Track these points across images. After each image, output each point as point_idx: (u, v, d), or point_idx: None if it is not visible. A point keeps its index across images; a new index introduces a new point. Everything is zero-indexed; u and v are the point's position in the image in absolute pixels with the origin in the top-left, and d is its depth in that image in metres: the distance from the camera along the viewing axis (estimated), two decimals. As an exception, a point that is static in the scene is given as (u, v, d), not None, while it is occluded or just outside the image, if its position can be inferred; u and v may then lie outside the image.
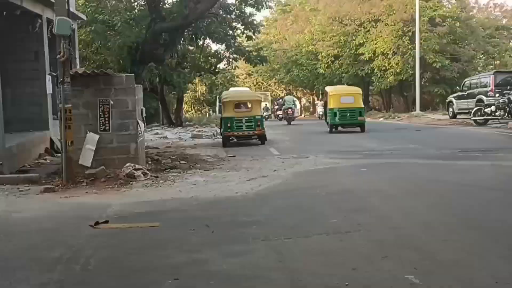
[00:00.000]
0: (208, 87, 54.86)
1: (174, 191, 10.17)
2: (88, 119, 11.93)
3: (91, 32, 23.53)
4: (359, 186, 9.90)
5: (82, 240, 6.71)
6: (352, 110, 23.78)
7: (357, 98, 24.50)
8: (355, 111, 23.78)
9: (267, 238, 6.41)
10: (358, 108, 23.97)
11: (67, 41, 10.99)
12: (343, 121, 24.02)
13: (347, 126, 24.38)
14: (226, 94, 21.51)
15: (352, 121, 23.94)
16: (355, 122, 23.94)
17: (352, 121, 23.93)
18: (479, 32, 45.51)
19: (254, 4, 28.74)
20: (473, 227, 6.68)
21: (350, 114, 23.75)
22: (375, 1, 42.56)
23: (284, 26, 57.81)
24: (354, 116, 23.76)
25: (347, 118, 23.81)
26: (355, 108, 23.87)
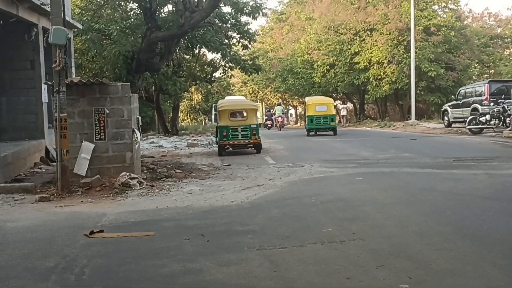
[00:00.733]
0: (204, 95, 54.97)
1: (169, 200, 10.18)
2: (83, 128, 11.95)
3: (87, 40, 23.53)
4: (354, 195, 9.92)
5: (77, 249, 6.70)
6: (325, 117, 28.56)
7: (329, 107, 29.10)
8: (328, 117, 28.56)
9: (262, 247, 6.42)
10: (330, 115, 28.71)
11: (62, 50, 11.01)
12: (318, 126, 28.81)
13: (321, 130, 28.92)
14: (222, 103, 21.53)
15: (325, 125, 28.72)
16: (327, 126, 28.71)
17: (325, 125, 28.72)
18: (474, 41, 45.76)
19: (250, 13, 28.88)
20: (467, 236, 6.70)
21: (324, 120, 28.59)
22: (370, 10, 42.74)
23: (279, 35, 58.01)
24: (327, 121, 28.59)
25: (321, 123, 28.69)
26: (327, 115, 28.62)
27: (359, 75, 43.42)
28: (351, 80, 44.28)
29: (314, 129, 28.97)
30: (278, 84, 55.35)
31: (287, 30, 57.11)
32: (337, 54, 44.75)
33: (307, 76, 48.86)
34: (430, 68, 39.43)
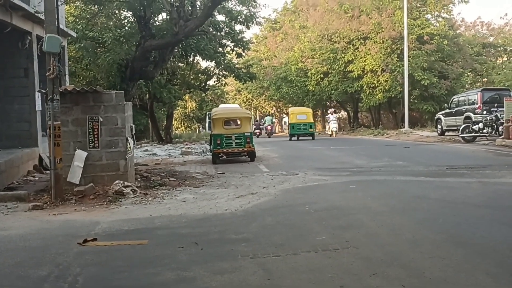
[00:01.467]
0: (198, 103, 54.99)
1: (163, 208, 10.16)
2: (77, 136, 11.93)
3: (81, 48, 23.54)
4: (348, 203, 9.93)
5: (70, 258, 6.68)
6: (305, 124, 34.43)
7: (309, 115, 35.37)
8: (307, 125, 34.47)
9: (256, 256, 6.42)
10: (309, 123, 34.76)
11: (56, 58, 11.01)
12: (299, 132, 34.46)
13: (301, 135, 34.43)
14: (216, 111, 21.54)
15: (305, 131, 34.34)
16: (307, 132, 34.29)
17: (305, 131, 34.32)
18: (467, 49, 46.02)
19: (244, 21, 28.98)
20: (460, 244, 6.71)
21: (303, 127, 34.39)
22: (364, 19, 42.95)
23: (273, 43, 58.21)
24: (306, 128, 34.44)
25: (301, 130, 34.37)
26: (307, 122, 34.58)
27: (353, 84, 43.60)
28: (345, 88, 44.45)
29: (296, 134, 34.34)
30: (272, 92, 55.51)
31: (281, 38, 57.32)
32: (331, 62, 44.94)
33: (301, 84, 49.03)
34: (423, 77, 39.62)
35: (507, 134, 22.93)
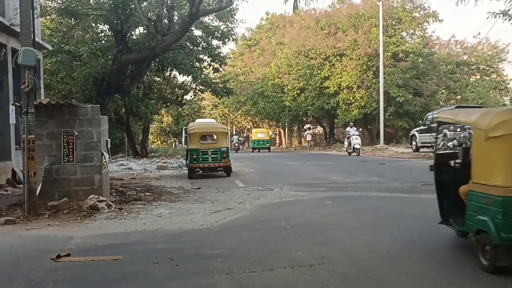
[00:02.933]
0: (174, 118, 54.85)
1: (138, 223, 10.08)
2: (51, 150, 11.82)
3: (57, 62, 23.36)
4: (324, 219, 9.96)
5: (43, 273, 6.58)
6: (263, 141, 46.30)
7: (266, 134, 47.97)
8: (265, 141, 46.39)
9: (232, 271, 6.39)
10: (266, 140, 46.80)
11: (32, 71, 10.91)
12: (258, 146, 45.70)
13: (261, 149, 45.08)
14: (192, 126, 21.50)
15: (263, 146, 45.69)
16: (264, 146, 45.77)
17: (263, 146, 45.72)
18: (441, 67, 46.71)
19: (221, 37, 29.05)
20: (435, 260, 6.76)
21: (262, 143, 46.11)
22: (340, 36, 43.37)
23: (250, 59, 58.42)
24: (264, 143, 46.08)
25: (260, 144, 45.81)
26: (264, 139, 46.46)
27: (329, 100, 43.88)
28: (321, 104, 44.72)
29: (257, 148, 45.58)
30: (248, 108, 55.61)
31: (258, 54, 57.55)
32: (307, 78, 45.23)
33: (278, 99, 49.23)
34: (399, 94, 40.03)
35: (480, 151, 23.17)
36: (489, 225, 6.11)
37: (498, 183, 6.11)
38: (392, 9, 43.86)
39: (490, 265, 6.15)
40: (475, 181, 6.53)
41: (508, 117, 6.25)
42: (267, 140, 46.15)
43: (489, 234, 6.13)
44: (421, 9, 45.09)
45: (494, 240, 6.03)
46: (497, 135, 6.20)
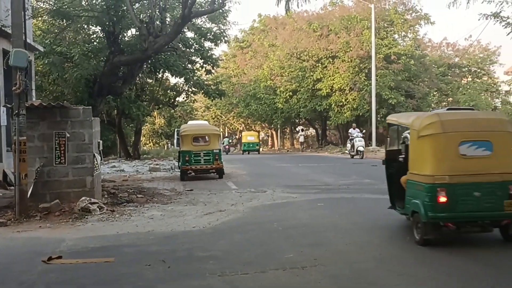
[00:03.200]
0: (166, 120, 54.73)
1: (130, 225, 10.06)
2: (43, 152, 11.77)
3: (48, 63, 23.27)
4: (316, 221, 9.98)
5: (34, 276, 6.56)
6: (253, 143, 47.52)
7: (256, 137, 49.79)
8: (254, 143, 47.64)
9: (224, 273, 6.39)
10: (256, 142, 48.11)
11: (23, 72, 10.87)
12: (248, 148, 46.89)
13: (251, 151, 46.40)
14: (184, 128, 21.46)
15: (253, 148, 46.87)
16: (254, 149, 46.85)
17: (253, 148, 46.91)
18: (433, 69, 46.83)
19: (213, 39, 29.04)
20: (426, 261, 6.79)
21: (252, 145, 47.29)
22: (332, 38, 43.42)
23: (243, 61, 58.37)
24: (254, 146, 47.22)
25: (250, 147, 46.91)
26: (254, 142, 47.81)
27: (321, 101, 43.91)
28: (313, 106, 44.75)
29: (247, 150, 46.82)
30: (241, 109, 55.59)
31: (250, 56, 57.53)
32: (299, 80, 45.25)
33: (270, 101, 49.24)
34: (391, 96, 40.13)
35: (471, 153, 23.29)
36: (420, 207, 7.66)
37: (426, 173, 7.67)
38: (384, 12, 43.98)
39: (420, 239, 7.70)
40: (411, 172, 8.16)
41: (435, 120, 7.85)
42: (256, 143, 48.00)
43: (419, 214, 7.67)
44: (413, 11, 45.25)
45: (423, 218, 7.57)
46: (426, 134, 7.81)
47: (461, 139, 7.61)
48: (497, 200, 7.50)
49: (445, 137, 7.68)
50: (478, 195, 7.47)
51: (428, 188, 7.54)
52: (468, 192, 7.47)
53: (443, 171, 7.53)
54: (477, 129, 7.85)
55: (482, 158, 7.63)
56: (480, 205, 7.48)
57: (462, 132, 7.72)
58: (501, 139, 7.79)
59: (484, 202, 7.49)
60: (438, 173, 7.54)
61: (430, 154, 7.76)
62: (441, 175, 7.51)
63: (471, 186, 7.49)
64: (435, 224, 7.59)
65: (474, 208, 7.49)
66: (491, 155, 7.64)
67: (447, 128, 7.72)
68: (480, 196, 7.47)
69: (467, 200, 7.47)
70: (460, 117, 8.42)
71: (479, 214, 7.58)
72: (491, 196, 7.51)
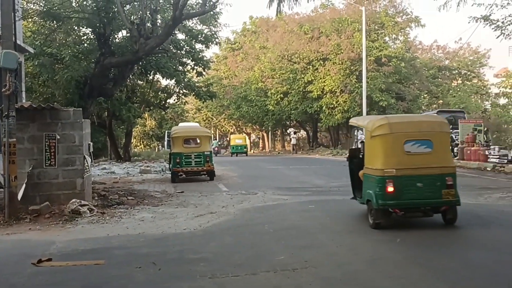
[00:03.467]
0: (157, 121, 54.62)
1: (120, 227, 10.02)
2: (33, 154, 11.72)
3: (39, 65, 23.16)
4: (307, 223, 9.98)
5: (24, 278, 6.52)
6: (241, 146, 49.67)
7: (244, 140, 52.22)
8: (242, 146, 49.79)
9: (215, 276, 6.37)
10: (244, 145, 50.42)
11: (13, 74, 10.81)
12: (237, 151, 48.67)
13: (239, 153, 48.31)
14: (175, 130, 21.44)
15: (241, 151, 48.85)
16: (242, 151, 48.93)
17: (241, 151, 48.86)
18: (423, 72, 47.03)
19: (204, 40, 29.01)
20: (417, 263, 6.80)
21: (240, 148, 49.21)
22: (323, 40, 43.50)
23: (234, 63, 58.40)
24: (242, 148, 49.39)
25: (238, 149, 48.96)
26: (242, 145, 50.04)
27: (312, 104, 44.00)
28: (304, 108, 44.83)
29: (235, 152, 48.65)
30: (232, 111, 55.63)
31: (241, 58, 57.56)
32: (290, 82, 45.32)
33: (261, 103, 49.29)
34: (381, 98, 40.27)
35: (461, 155, 23.47)
36: (372, 196, 9.14)
37: (377, 167, 9.14)
38: (375, 14, 44.13)
39: (373, 223, 9.19)
40: (366, 166, 9.68)
41: (384, 122, 9.33)
42: (244, 145, 50.25)
43: (372, 202, 9.16)
44: (403, 14, 45.48)
45: (375, 206, 9.06)
46: (377, 134, 9.31)
47: (405, 139, 9.08)
48: (436, 190, 8.96)
49: (392, 137, 9.12)
50: (421, 185, 8.92)
51: (379, 180, 9.02)
52: (412, 183, 8.92)
53: (391, 166, 8.95)
54: (420, 130, 9.35)
55: (424, 155, 9.10)
56: (422, 194, 8.94)
57: (407, 132, 9.21)
58: (440, 138, 9.30)
59: (426, 191, 8.94)
60: (386, 167, 8.97)
61: (380, 151, 9.24)
62: (389, 168, 8.93)
63: (414, 178, 8.94)
64: (385, 211, 9.06)
65: (417, 196, 8.95)
66: (431, 152, 9.11)
67: (394, 129, 9.19)
68: (422, 186, 8.93)
69: (411, 190, 8.92)
70: (405, 120, 10.37)
71: (421, 202, 9.05)
72: (431, 186, 8.96)
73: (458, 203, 9.18)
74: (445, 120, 10.28)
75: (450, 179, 9.06)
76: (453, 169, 9.33)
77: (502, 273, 6.35)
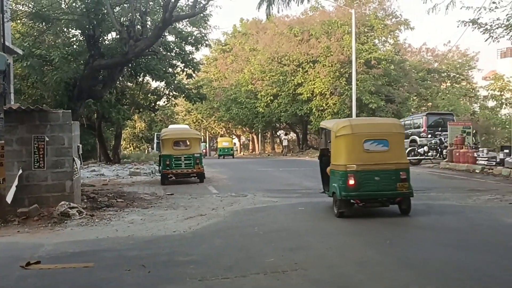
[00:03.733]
0: (147, 124, 54.47)
1: (110, 230, 9.99)
2: (22, 156, 11.65)
3: (27, 66, 23.02)
4: (297, 225, 10.00)
5: (12, 281, 6.48)
6: (228, 149, 49.91)
7: (230, 142, 53.23)
8: (229, 149, 50.14)
9: (204, 278, 6.36)
10: (230, 147, 50.82)
11: (1, 76, 10.76)
12: (223, 153, 48.84)
13: (225, 155, 48.13)
14: (165, 132, 21.40)
15: (228, 153, 48.99)
16: (229, 153, 49.13)
17: (228, 153, 49.01)
18: (412, 74, 47.19)
19: (194, 42, 28.99)
20: (406, 265, 6.82)
21: (226, 150, 49.48)
22: (313, 43, 43.54)
23: (224, 65, 58.34)
24: (228, 150, 49.47)
25: (225, 151, 49.11)
26: (229, 147, 50.43)
27: (302, 106, 44.03)
28: (294, 110, 44.84)
29: (222, 154, 48.82)
30: (222, 113, 55.57)
31: (231, 60, 57.53)
32: (280, 85, 45.33)
33: (251, 106, 49.27)
34: (371, 100, 40.36)
35: (450, 157, 23.57)
36: (337, 188, 10.54)
37: (341, 163, 10.56)
38: (365, 17, 44.22)
39: (337, 212, 10.61)
40: (332, 163, 11.08)
41: (346, 124, 10.87)
42: (231, 148, 51.41)
43: (336, 194, 10.51)
44: (393, 16, 45.54)
45: (338, 197, 10.46)
46: (340, 134, 10.70)
47: (365, 138, 10.46)
48: (392, 183, 10.34)
49: (353, 137, 10.50)
50: (378, 179, 10.29)
51: (342, 174, 10.41)
52: (370, 177, 10.29)
53: (352, 162, 10.33)
54: (377, 130, 10.80)
55: (381, 152, 10.46)
56: (379, 187, 10.31)
57: (366, 133, 10.61)
58: (395, 138, 10.68)
59: (382, 184, 10.32)
60: (348, 163, 10.35)
61: (343, 149, 10.63)
62: (351, 164, 10.30)
63: (372, 173, 10.30)
64: (347, 201, 10.49)
65: (375, 189, 10.32)
66: (387, 150, 10.48)
67: (355, 130, 10.59)
68: (379, 180, 10.30)
69: (370, 183, 10.29)
70: (365, 122, 12.33)
71: (379, 194, 10.42)
72: (388, 180, 10.33)
73: (411, 195, 10.57)
74: (400, 123, 11.86)
75: (404, 173, 10.41)
76: (406, 165, 10.72)
77: (492, 275, 6.38)
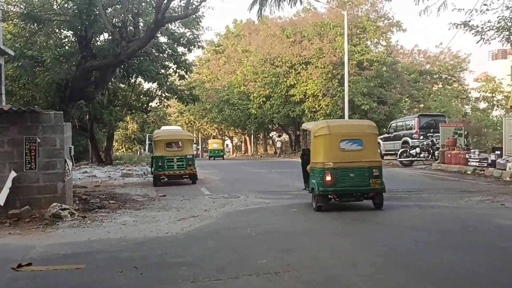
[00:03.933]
0: (139, 125, 54.37)
1: (102, 231, 9.96)
2: (13, 157, 11.59)
3: (19, 67, 22.92)
4: (289, 226, 10.00)
5: (3, 283, 6.44)
6: (218, 150, 50.96)
7: (220, 144, 54.15)
8: (219, 150, 51.09)
9: (197, 280, 6.35)
10: (220, 149, 51.66)
11: (-7, 77, 10.72)
12: (214, 155, 49.92)
13: (216, 156, 49.41)
14: (158, 133, 21.36)
15: (218, 154, 49.89)
16: (219, 155, 49.99)
17: (218, 154, 49.89)
18: (404, 76, 47.34)
19: (187, 44, 28.97)
20: (399, 266, 6.84)
21: (217, 152, 50.52)
22: (305, 44, 43.60)
23: (216, 66, 58.30)
24: (218, 152, 50.40)
25: (216, 153, 50.13)
26: (219, 149, 51.38)
27: (295, 107, 44.06)
28: (287, 112, 44.88)
29: (213, 156, 49.98)
30: (214, 115, 55.56)
31: (223, 61, 57.52)
32: (273, 86, 45.34)
33: (243, 107, 49.27)
34: (363, 102, 40.44)
35: (442, 159, 23.65)
36: (315, 184, 11.47)
37: (319, 161, 11.55)
38: (357, 18, 44.32)
39: (315, 206, 11.52)
40: (312, 161, 12.06)
41: (324, 125, 11.87)
42: (221, 149, 52.61)
43: (315, 189, 11.43)
44: (385, 18, 45.67)
45: (316, 192, 11.38)
46: (319, 135, 11.70)
47: (341, 138, 11.46)
48: (365, 179, 11.29)
49: (330, 137, 11.49)
50: (353, 175, 11.25)
51: (320, 171, 11.37)
52: (346, 173, 11.23)
53: (329, 160, 11.30)
54: (352, 131, 11.86)
55: (355, 151, 11.46)
56: (354, 183, 11.28)
57: (342, 133, 11.63)
58: (369, 138, 11.69)
59: (357, 180, 11.27)
60: (326, 161, 11.32)
61: (321, 148, 11.62)
62: (328, 162, 11.26)
63: (348, 170, 11.24)
64: (324, 196, 11.42)
65: (350, 184, 11.28)
66: (361, 149, 11.47)
67: (332, 131, 11.58)
68: (354, 176, 11.25)
69: (345, 179, 11.24)
70: (341, 123, 14.03)
71: (353, 189, 11.38)
72: (361, 176, 11.28)
73: (383, 190, 11.49)
74: (373, 124, 12.61)
75: (377, 171, 11.35)
76: (379, 162, 11.69)
77: (484, 275, 6.39)
